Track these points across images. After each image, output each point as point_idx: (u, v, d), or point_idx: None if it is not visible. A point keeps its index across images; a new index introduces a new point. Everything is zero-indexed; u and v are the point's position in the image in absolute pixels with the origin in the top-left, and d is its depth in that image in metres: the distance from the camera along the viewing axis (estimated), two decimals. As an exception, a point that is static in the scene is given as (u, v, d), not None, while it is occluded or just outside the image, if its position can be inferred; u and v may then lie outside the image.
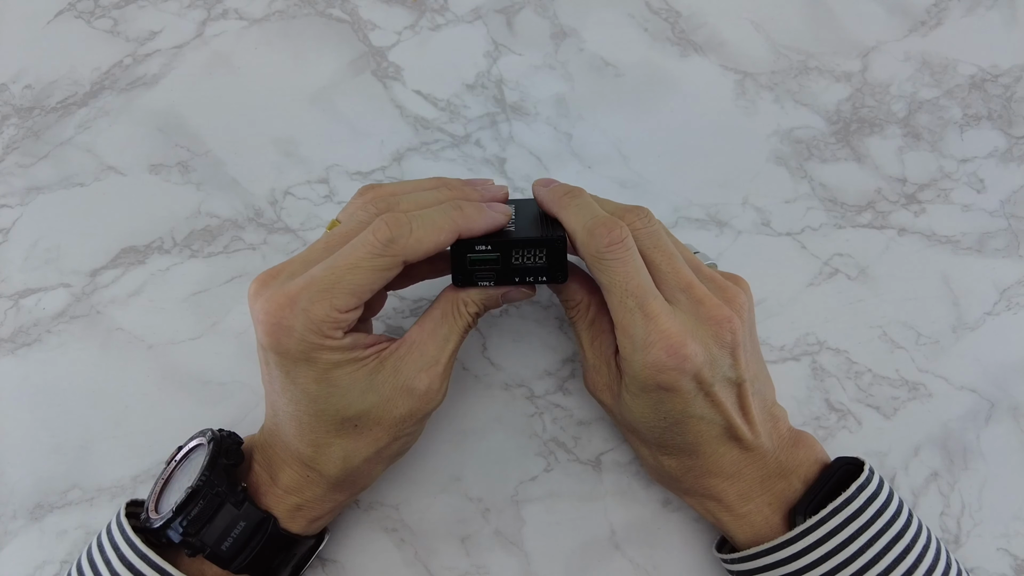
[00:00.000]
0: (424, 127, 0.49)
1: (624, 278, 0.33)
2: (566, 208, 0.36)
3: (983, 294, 0.46)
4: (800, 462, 0.36)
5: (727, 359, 0.34)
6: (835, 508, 0.34)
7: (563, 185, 0.38)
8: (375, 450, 0.35)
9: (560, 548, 0.42)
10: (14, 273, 0.47)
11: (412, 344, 0.35)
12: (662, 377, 0.33)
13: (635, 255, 0.34)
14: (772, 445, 0.36)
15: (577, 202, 0.36)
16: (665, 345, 0.32)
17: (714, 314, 0.34)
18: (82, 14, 0.51)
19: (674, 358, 0.32)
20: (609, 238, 0.33)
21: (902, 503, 0.35)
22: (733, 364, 0.34)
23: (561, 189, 0.37)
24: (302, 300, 0.31)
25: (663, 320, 0.33)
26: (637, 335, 0.33)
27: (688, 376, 0.33)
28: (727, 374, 0.34)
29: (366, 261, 0.32)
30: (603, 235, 0.33)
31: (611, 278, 0.34)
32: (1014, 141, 0.49)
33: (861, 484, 0.34)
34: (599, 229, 0.34)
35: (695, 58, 0.50)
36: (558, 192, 0.37)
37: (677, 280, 0.35)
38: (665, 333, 0.33)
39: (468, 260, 0.35)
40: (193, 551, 0.34)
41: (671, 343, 0.32)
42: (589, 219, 0.34)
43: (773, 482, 0.36)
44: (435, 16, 0.51)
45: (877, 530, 0.34)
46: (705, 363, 0.33)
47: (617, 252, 0.33)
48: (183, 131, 0.49)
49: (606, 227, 0.33)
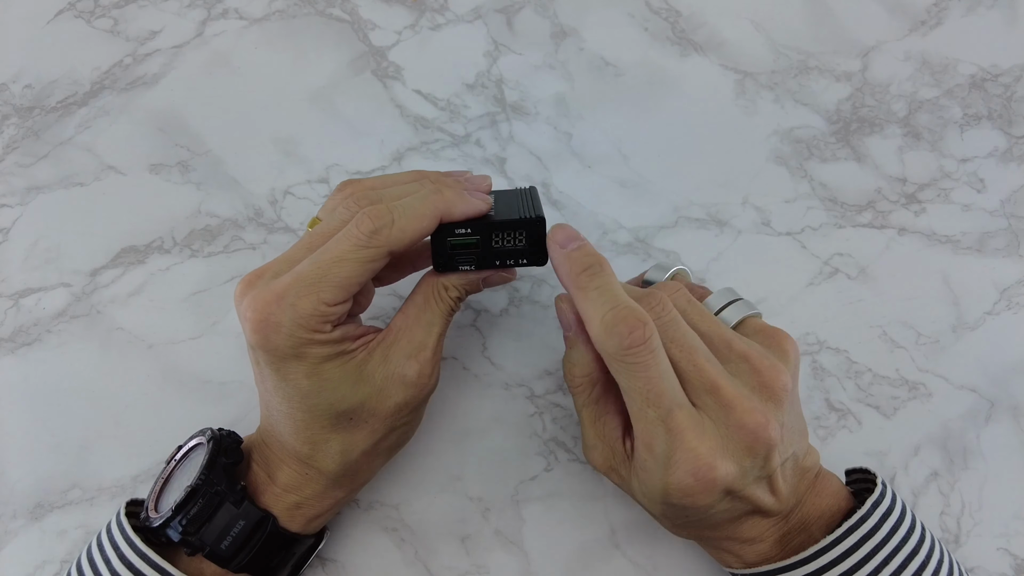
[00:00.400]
0: (424, 127, 0.49)
1: (645, 384, 0.30)
2: (583, 290, 0.32)
3: (983, 294, 0.46)
4: (822, 512, 0.34)
5: (759, 464, 0.31)
6: (851, 527, 0.33)
7: (582, 253, 0.33)
8: (372, 442, 0.35)
9: (560, 548, 0.42)
10: (14, 273, 0.47)
11: (398, 332, 0.35)
12: (687, 500, 0.31)
13: (659, 358, 0.30)
14: (796, 500, 0.34)
15: (597, 284, 0.32)
16: (692, 467, 0.30)
17: (746, 422, 0.30)
18: (82, 14, 0.51)
19: (701, 482, 0.30)
20: (631, 339, 0.29)
21: (914, 516, 0.34)
22: (766, 464, 0.31)
23: (580, 263, 0.32)
24: (289, 296, 0.31)
25: (689, 437, 0.30)
26: (659, 450, 0.30)
27: (714, 494, 0.30)
28: (759, 475, 0.31)
29: (351, 253, 0.32)
30: (624, 334, 0.30)
31: (631, 383, 0.30)
32: (1014, 141, 0.49)
33: (876, 500, 0.33)
34: (620, 327, 0.30)
35: (695, 58, 0.50)
36: (576, 267, 0.32)
37: (701, 381, 0.31)
38: (692, 453, 0.30)
39: (449, 244, 0.35)
40: (192, 550, 0.34)
41: (698, 466, 0.30)
42: (609, 310, 0.30)
43: (792, 537, 0.34)
44: (435, 16, 0.51)
45: (893, 547, 0.32)
46: (736, 478, 0.30)
47: (639, 356, 0.30)
48: (183, 131, 0.49)
49: (627, 325, 0.30)
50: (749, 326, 0.35)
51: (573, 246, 0.33)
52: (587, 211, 0.47)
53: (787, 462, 0.33)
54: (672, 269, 0.38)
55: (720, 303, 0.36)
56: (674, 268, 0.38)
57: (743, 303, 0.36)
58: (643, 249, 0.47)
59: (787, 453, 0.32)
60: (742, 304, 0.36)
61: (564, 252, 0.33)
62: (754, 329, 0.35)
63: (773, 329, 0.35)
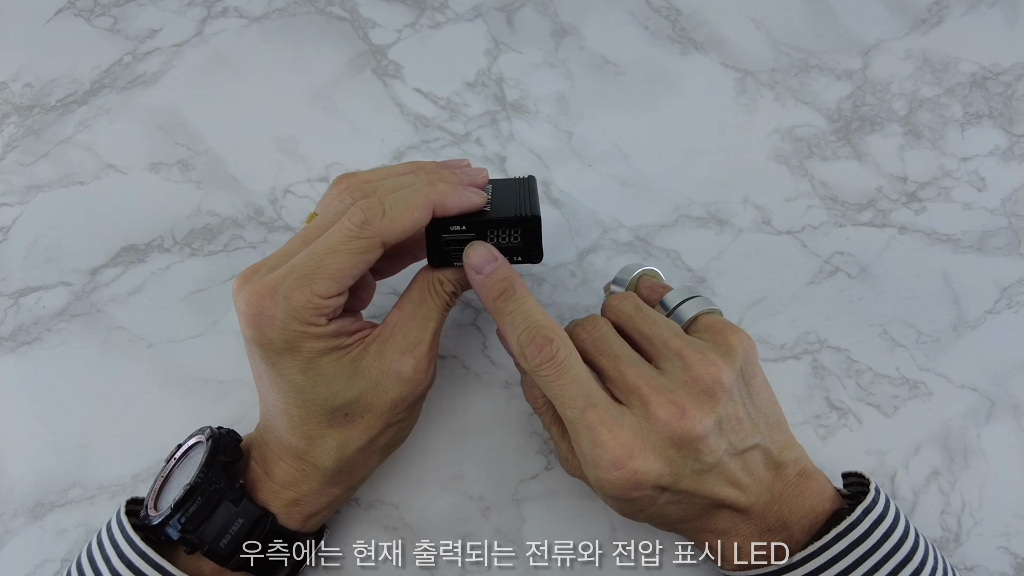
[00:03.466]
0: (424, 125, 0.49)
1: (560, 391, 0.32)
2: (500, 316, 0.34)
3: (984, 292, 0.46)
4: (804, 512, 0.34)
5: (690, 457, 0.32)
6: (840, 532, 0.32)
7: (495, 278, 0.34)
8: (369, 438, 0.35)
9: (560, 547, 0.42)
10: (14, 271, 0.47)
11: (394, 327, 0.35)
12: (616, 492, 0.32)
13: (570, 368, 0.32)
14: (771, 497, 0.34)
15: (510, 308, 0.33)
16: (610, 459, 0.31)
17: (660, 414, 0.31)
18: (82, 12, 0.51)
19: (623, 472, 0.31)
20: (539, 358, 0.32)
21: (908, 523, 0.34)
22: (699, 456, 0.32)
23: (494, 290, 0.34)
24: (282, 288, 0.31)
25: (602, 431, 0.31)
26: (584, 448, 0.32)
27: (644, 488, 0.31)
28: (696, 467, 0.32)
29: (343, 245, 0.32)
30: (533, 355, 0.32)
31: (550, 392, 0.33)
32: (1015, 139, 0.49)
33: (867, 506, 0.33)
34: (529, 348, 0.32)
35: (696, 56, 0.50)
36: (491, 294, 0.34)
37: (624, 383, 0.33)
38: (607, 447, 0.31)
39: (443, 240, 0.35)
40: (191, 548, 0.34)
41: (615, 457, 0.31)
42: (522, 332, 0.33)
43: (772, 535, 0.34)
44: (435, 14, 0.51)
45: (884, 554, 0.32)
46: (662, 471, 0.31)
47: (548, 370, 0.32)
48: (183, 129, 0.49)
49: (535, 346, 0.32)
50: (701, 323, 0.36)
51: (488, 269, 0.34)
52: (587, 210, 0.47)
53: (750, 453, 0.33)
54: (638, 270, 0.40)
55: (676, 300, 0.37)
56: (640, 269, 0.40)
57: (698, 300, 0.37)
58: (643, 248, 0.47)
59: (744, 444, 0.33)
60: (697, 301, 0.37)
61: (479, 279, 0.34)
62: (705, 326, 0.36)
63: (722, 325, 0.35)
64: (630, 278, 0.40)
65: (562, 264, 0.47)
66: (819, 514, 0.34)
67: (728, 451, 0.32)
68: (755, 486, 0.33)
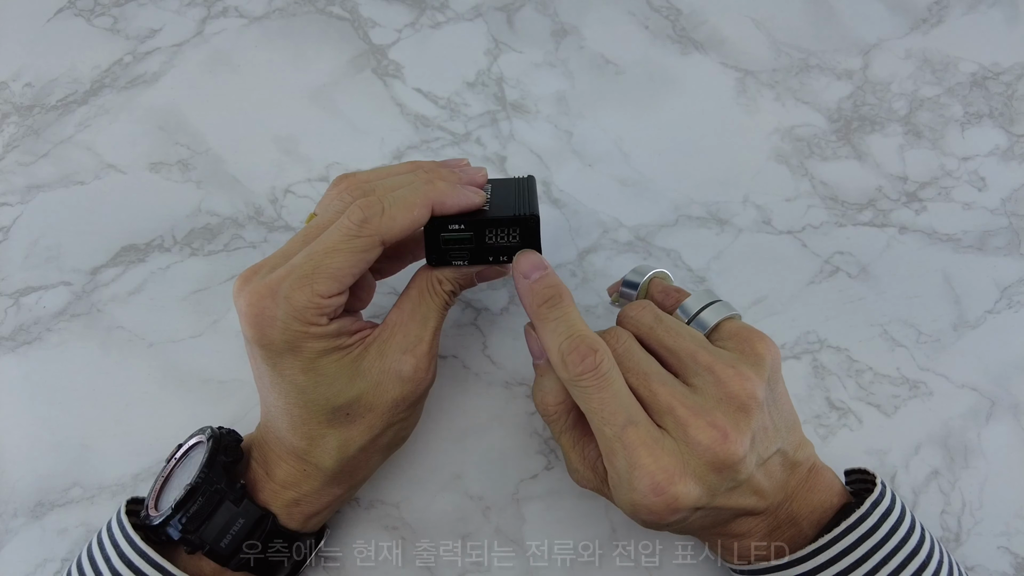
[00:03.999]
0: (424, 125, 0.49)
1: (599, 405, 0.31)
2: (542, 322, 0.33)
3: (984, 292, 0.46)
4: (814, 507, 0.34)
5: (728, 477, 0.31)
6: (849, 526, 0.33)
7: (543, 284, 0.34)
8: (370, 438, 0.35)
9: (561, 546, 0.42)
10: (15, 271, 0.47)
11: (394, 326, 0.35)
12: (652, 517, 0.31)
13: (611, 380, 0.31)
14: (785, 496, 0.34)
15: (555, 315, 0.33)
16: (651, 484, 0.30)
17: (701, 439, 0.30)
18: (82, 12, 0.51)
19: (662, 498, 0.30)
20: (582, 367, 0.31)
21: (914, 517, 0.34)
22: (736, 476, 0.31)
23: (540, 295, 0.33)
24: (283, 288, 0.31)
25: (643, 455, 0.30)
26: (620, 468, 0.31)
27: (681, 512, 0.31)
28: (731, 486, 0.31)
29: (343, 244, 0.32)
30: (575, 363, 0.31)
31: (587, 405, 0.32)
32: (1015, 139, 0.49)
33: (875, 500, 0.33)
34: (571, 356, 0.31)
35: (696, 56, 0.50)
36: (537, 299, 0.33)
37: (658, 405, 0.32)
38: (648, 470, 0.30)
39: (442, 239, 0.35)
40: (192, 548, 0.34)
41: (656, 482, 0.30)
42: (564, 340, 0.32)
43: (782, 531, 0.34)
44: (435, 14, 0.51)
45: (893, 547, 0.33)
46: (701, 496, 0.31)
47: (588, 381, 0.31)
48: (183, 129, 0.49)
49: (579, 353, 0.31)
50: (725, 330, 0.35)
51: (536, 275, 0.34)
52: (587, 209, 0.47)
53: (772, 459, 0.33)
54: (650, 272, 0.38)
55: (696, 307, 0.35)
56: (652, 271, 0.38)
57: (720, 305, 0.35)
58: (644, 248, 0.47)
59: (769, 452, 0.32)
60: (719, 306, 0.35)
61: (527, 283, 0.34)
62: (729, 333, 0.34)
63: (747, 332, 0.34)
64: (641, 282, 0.38)
65: (562, 264, 0.47)
66: (827, 508, 0.34)
67: (756, 463, 0.32)
68: (773, 489, 0.33)
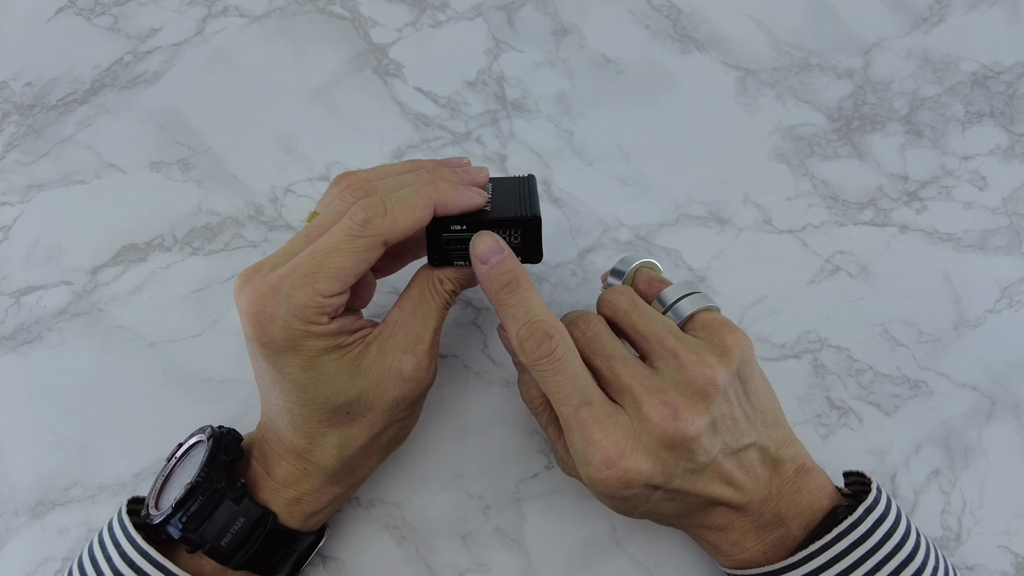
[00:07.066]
0: (425, 124, 0.49)
1: (556, 387, 0.32)
2: (502, 308, 0.34)
3: (985, 291, 0.46)
4: (802, 509, 0.34)
5: (683, 457, 0.32)
6: (842, 532, 0.32)
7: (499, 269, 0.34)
8: (370, 437, 0.35)
9: (561, 545, 0.42)
10: (15, 270, 0.47)
11: (395, 325, 0.35)
12: (607, 490, 0.32)
13: (567, 364, 0.32)
14: (769, 494, 0.34)
15: (512, 301, 0.33)
16: (603, 458, 0.31)
17: (652, 415, 0.31)
18: (82, 11, 0.51)
19: (613, 471, 0.31)
20: (539, 352, 0.32)
21: (910, 523, 0.34)
22: (693, 455, 0.32)
23: (498, 281, 0.34)
24: (284, 287, 0.31)
25: (596, 431, 0.31)
26: (576, 446, 0.32)
27: (635, 487, 0.31)
28: (688, 467, 0.32)
29: (345, 243, 0.32)
30: (532, 349, 0.32)
31: (546, 388, 0.33)
32: (1016, 138, 0.49)
33: (869, 506, 0.33)
34: (528, 342, 0.32)
35: (696, 55, 0.50)
36: (495, 285, 0.34)
37: (618, 383, 0.33)
38: (598, 445, 0.31)
39: (443, 239, 0.35)
40: (193, 547, 0.34)
41: (607, 456, 0.31)
42: (522, 326, 0.33)
43: (769, 531, 0.34)
44: (436, 13, 0.51)
45: (886, 553, 0.32)
46: (652, 471, 0.31)
47: (545, 365, 0.32)
48: (184, 128, 0.49)
49: (535, 340, 0.32)
50: (698, 320, 0.36)
51: (493, 260, 0.34)
52: (588, 208, 0.47)
53: (747, 452, 0.33)
54: (636, 262, 0.40)
55: (673, 297, 0.37)
56: (639, 261, 0.40)
57: (697, 296, 0.36)
58: (644, 247, 0.47)
59: (740, 443, 0.33)
60: (696, 298, 0.36)
61: (484, 269, 0.34)
62: (702, 324, 0.35)
63: (719, 324, 0.35)
64: (628, 270, 0.39)
65: (563, 263, 0.47)
66: (817, 511, 0.34)
67: (723, 451, 0.32)
68: (751, 484, 0.33)
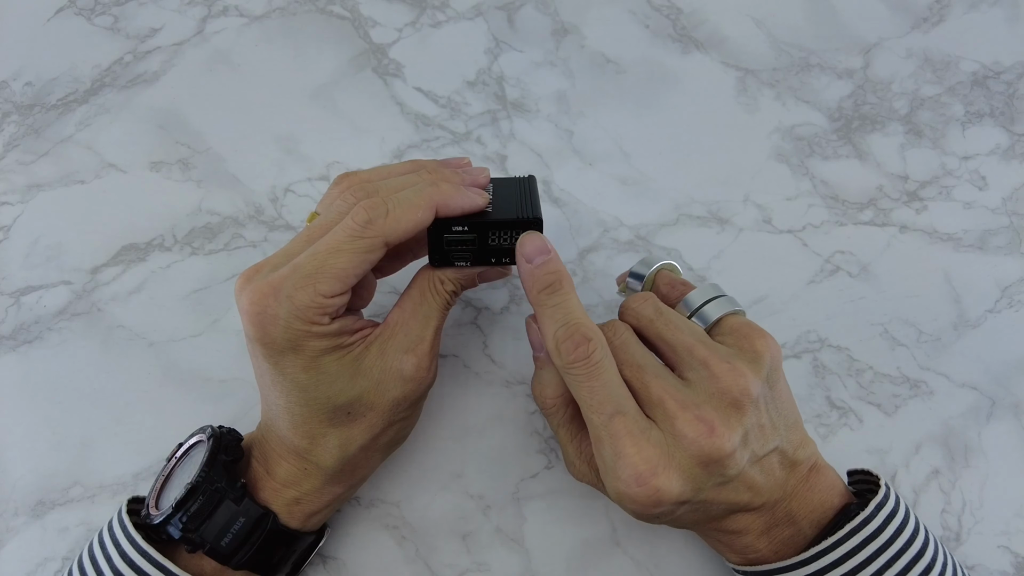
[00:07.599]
0: (425, 124, 0.49)
1: (589, 393, 0.31)
2: (541, 308, 0.33)
3: (985, 291, 0.46)
4: (814, 507, 0.34)
5: (715, 472, 0.31)
6: (854, 528, 0.32)
7: (544, 270, 0.33)
8: (370, 437, 0.35)
9: (561, 545, 0.42)
10: (15, 270, 0.47)
11: (395, 325, 0.35)
12: (635, 507, 0.31)
13: (603, 369, 0.32)
14: (784, 494, 0.34)
15: (553, 302, 0.33)
16: (633, 474, 0.30)
17: (687, 432, 0.30)
18: (82, 11, 0.51)
19: (644, 489, 0.30)
20: (574, 355, 0.31)
21: (918, 520, 0.34)
22: (724, 471, 0.31)
23: (541, 281, 0.33)
24: (286, 287, 0.31)
25: (627, 445, 0.30)
26: (606, 457, 0.31)
27: (664, 505, 0.30)
28: (718, 481, 0.31)
29: (347, 244, 0.32)
30: (568, 351, 0.32)
31: (578, 393, 0.32)
32: (1016, 138, 0.49)
33: (880, 502, 0.33)
34: (565, 344, 0.32)
35: (696, 55, 0.50)
36: (537, 284, 0.33)
37: (648, 396, 0.32)
38: (630, 460, 0.30)
39: (445, 240, 0.35)
40: (193, 547, 0.34)
41: (638, 472, 0.30)
42: (560, 328, 0.32)
43: (780, 529, 0.34)
44: (436, 13, 0.51)
45: (898, 549, 0.32)
46: (685, 489, 0.30)
47: (580, 369, 0.31)
48: (184, 128, 0.49)
49: (573, 341, 0.32)
50: (726, 325, 0.35)
51: (539, 260, 0.34)
52: (588, 208, 0.47)
53: (769, 456, 0.33)
54: (657, 264, 0.39)
55: (699, 301, 0.35)
56: (659, 263, 0.39)
57: (724, 300, 0.35)
58: (644, 247, 0.47)
59: (766, 449, 0.32)
60: (723, 301, 0.35)
61: (528, 268, 0.34)
62: (730, 329, 0.34)
63: (748, 329, 0.34)
64: (648, 273, 0.38)
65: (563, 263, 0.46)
66: (827, 509, 0.34)
67: (750, 460, 0.32)
68: (769, 486, 0.33)
